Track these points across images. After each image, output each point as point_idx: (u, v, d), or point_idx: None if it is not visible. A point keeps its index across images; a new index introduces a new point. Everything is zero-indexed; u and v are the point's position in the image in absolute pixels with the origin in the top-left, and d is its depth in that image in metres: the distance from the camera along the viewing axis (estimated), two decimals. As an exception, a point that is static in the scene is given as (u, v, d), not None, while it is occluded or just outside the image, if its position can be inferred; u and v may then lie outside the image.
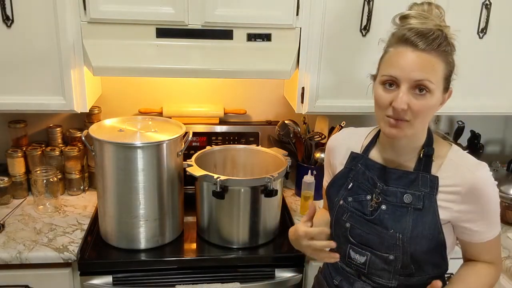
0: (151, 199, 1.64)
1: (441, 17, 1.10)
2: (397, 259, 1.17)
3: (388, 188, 1.17)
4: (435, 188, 1.13)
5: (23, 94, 1.69)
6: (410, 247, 1.15)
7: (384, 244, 1.18)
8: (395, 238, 1.15)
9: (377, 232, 1.18)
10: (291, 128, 2.06)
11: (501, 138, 2.42)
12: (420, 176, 1.14)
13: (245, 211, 1.67)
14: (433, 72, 1.04)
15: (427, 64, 1.03)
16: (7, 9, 1.59)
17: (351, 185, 1.24)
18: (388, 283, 1.21)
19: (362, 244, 1.22)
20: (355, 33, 1.76)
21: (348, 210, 1.23)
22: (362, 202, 1.21)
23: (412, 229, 1.14)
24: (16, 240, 1.66)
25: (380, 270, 1.21)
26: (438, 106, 1.10)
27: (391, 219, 1.16)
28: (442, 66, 1.06)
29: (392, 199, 1.17)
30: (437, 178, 1.13)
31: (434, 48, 1.03)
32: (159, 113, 2.09)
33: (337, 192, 1.27)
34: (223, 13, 1.67)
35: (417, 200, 1.14)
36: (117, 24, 1.65)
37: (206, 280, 1.66)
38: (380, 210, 1.18)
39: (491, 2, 1.78)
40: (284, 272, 1.70)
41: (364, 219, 1.20)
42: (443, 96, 1.11)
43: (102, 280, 1.62)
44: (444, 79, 1.08)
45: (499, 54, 1.85)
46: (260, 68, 1.73)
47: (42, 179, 1.86)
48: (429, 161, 1.15)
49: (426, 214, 1.13)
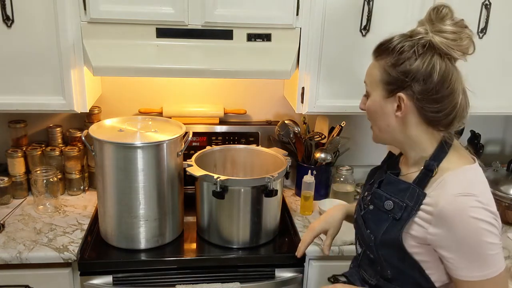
0: (151, 199, 1.64)
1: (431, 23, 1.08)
2: (376, 259, 1.20)
3: (377, 190, 1.19)
4: (418, 203, 1.09)
5: (23, 94, 1.69)
6: (380, 251, 1.17)
7: (365, 242, 1.22)
8: (370, 239, 1.19)
9: (362, 228, 1.23)
10: (291, 128, 2.06)
11: (501, 138, 2.42)
12: (411, 188, 1.12)
13: (245, 211, 1.67)
14: (369, 76, 1.17)
15: (368, 70, 1.17)
16: (7, 9, 1.59)
17: (372, 181, 1.29)
18: (369, 279, 1.25)
19: (359, 236, 1.28)
20: (355, 33, 1.76)
21: (359, 202, 1.31)
22: (363, 198, 1.28)
23: (382, 234, 1.15)
24: (16, 240, 1.67)
25: (366, 265, 1.26)
26: (385, 110, 1.12)
27: (372, 221, 1.19)
28: (378, 72, 1.12)
29: (377, 202, 1.18)
30: (425, 195, 1.09)
31: (376, 57, 1.15)
32: (159, 113, 2.09)
33: (365, 185, 1.35)
34: (223, 13, 1.67)
35: (398, 210, 1.12)
36: (117, 24, 1.65)
37: (206, 280, 1.66)
38: (368, 209, 1.22)
39: (491, 2, 1.78)
40: (284, 272, 1.70)
41: (359, 213, 1.26)
42: (385, 100, 1.12)
43: (102, 280, 1.62)
44: (382, 83, 1.11)
45: (499, 54, 1.85)
46: (260, 68, 1.73)
47: (42, 179, 1.86)
48: (427, 175, 1.11)
49: (398, 224, 1.12)
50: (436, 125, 1.11)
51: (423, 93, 1.07)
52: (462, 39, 1.06)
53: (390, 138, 1.18)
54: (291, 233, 1.82)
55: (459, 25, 1.07)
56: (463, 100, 1.10)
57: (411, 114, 1.10)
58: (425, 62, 1.06)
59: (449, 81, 1.07)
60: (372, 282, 1.24)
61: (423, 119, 1.10)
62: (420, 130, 1.12)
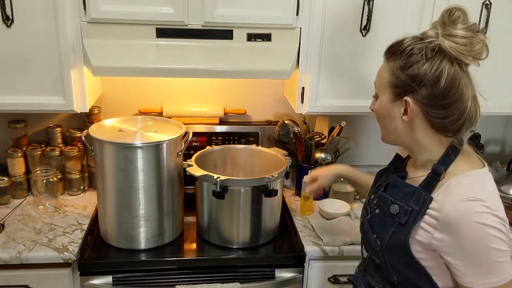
0: (151, 199, 1.64)
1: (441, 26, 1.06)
2: (382, 265, 1.18)
3: (383, 194, 1.18)
4: (424, 208, 1.07)
5: (23, 94, 1.69)
6: (387, 257, 1.15)
7: (372, 247, 1.20)
8: (376, 243, 1.17)
9: (368, 233, 1.21)
10: (291, 128, 2.06)
11: (501, 138, 2.42)
12: (417, 192, 1.10)
13: (245, 211, 1.67)
14: (378, 78, 1.15)
15: (379, 71, 1.15)
16: (7, 9, 1.59)
17: (379, 184, 1.28)
18: (375, 285, 1.23)
19: (365, 240, 1.26)
20: (355, 33, 1.76)
21: (365, 205, 1.30)
22: (369, 201, 1.26)
23: (388, 239, 1.13)
24: (16, 240, 1.66)
25: (372, 270, 1.24)
26: (392, 113, 1.12)
27: (378, 225, 1.18)
28: (387, 74, 1.11)
29: (383, 205, 1.17)
30: (431, 199, 1.07)
31: (386, 58, 1.13)
32: (159, 113, 2.09)
33: (372, 187, 1.33)
34: (223, 13, 1.67)
35: (404, 214, 1.10)
36: (117, 24, 1.65)
37: (206, 280, 1.66)
38: (374, 213, 1.20)
39: (491, 2, 1.78)
40: (284, 272, 1.70)
41: (366, 217, 1.24)
42: (392, 104, 1.11)
43: (102, 280, 1.62)
44: (390, 86, 1.10)
45: (499, 54, 1.85)
46: (260, 68, 1.73)
47: (42, 179, 1.86)
48: (434, 179, 1.09)
49: (404, 229, 1.10)
50: (443, 131, 1.09)
51: (429, 98, 1.05)
52: (473, 44, 1.03)
53: (397, 141, 1.17)
54: (291, 233, 1.82)
55: (471, 30, 1.03)
56: (472, 107, 1.06)
57: (417, 119, 1.09)
58: (433, 67, 1.03)
59: (457, 87, 1.04)
60: (378, 287, 1.23)
61: (430, 124, 1.08)
62: (427, 135, 1.10)
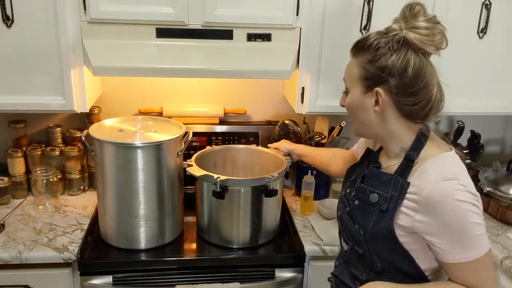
0: (151, 199, 1.64)
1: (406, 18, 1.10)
2: (365, 254, 1.22)
3: (361, 185, 1.22)
4: (403, 193, 1.13)
5: (23, 94, 1.69)
6: (371, 245, 1.19)
7: (354, 238, 1.23)
8: (359, 233, 1.20)
9: (349, 225, 1.24)
10: (291, 128, 2.06)
11: (501, 138, 2.42)
12: (394, 179, 1.15)
13: (245, 211, 1.67)
14: (348, 74, 1.19)
15: (347, 68, 1.19)
16: (7, 9, 1.59)
17: (354, 177, 1.31)
18: (360, 275, 1.27)
19: (345, 233, 1.29)
20: (355, 33, 1.76)
21: (341, 199, 1.32)
22: (346, 194, 1.30)
23: (371, 227, 1.17)
24: (16, 240, 1.67)
25: (355, 261, 1.27)
26: (364, 105, 1.15)
27: (359, 215, 1.21)
28: (357, 68, 1.15)
29: (362, 196, 1.21)
30: (408, 184, 1.12)
31: (354, 54, 1.17)
32: (159, 113, 2.09)
33: (345, 182, 1.36)
34: (223, 13, 1.67)
35: (383, 201, 1.15)
36: (117, 24, 1.65)
37: (206, 280, 1.66)
38: (353, 204, 1.24)
39: (491, 2, 1.78)
40: (284, 272, 1.70)
41: (344, 210, 1.27)
42: (364, 96, 1.14)
43: (102, 280, 1.62)
44: (360, 79, 1.14)
45: (499, 54, 1.85)
46: (260, 68, 1.73)
47: (42, 179, 1.86)
48: (408, 166, 1.14)
49: (386, 216, 1.15)
50: (413, 118, 1.14)
51: (399, 87, 1.10)
52: (435, 35, 1.09)
53: (371, 133, 1.22)
54: (291, 233, 1.82)
55: (431, 21, 1.09)
56: (437, 93, 1.13)
57: (389, 108, 1.13)
58: (400, 57, 1.09)
59: (423, 75, 1.10)
60: (363, 277, 1.25)
61: (400, 112, 1.13)
62: (398, 123, 1.15)
